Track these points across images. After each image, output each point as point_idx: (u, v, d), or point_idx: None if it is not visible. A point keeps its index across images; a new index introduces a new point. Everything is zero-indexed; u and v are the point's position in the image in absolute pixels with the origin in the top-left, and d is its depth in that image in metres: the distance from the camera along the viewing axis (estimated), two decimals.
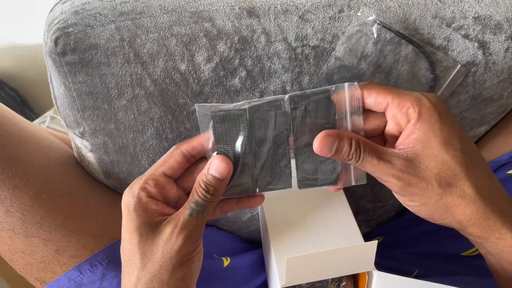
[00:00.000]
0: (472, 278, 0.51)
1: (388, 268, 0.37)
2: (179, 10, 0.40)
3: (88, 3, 0.40)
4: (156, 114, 0.45)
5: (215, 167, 0.34)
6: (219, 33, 0.41)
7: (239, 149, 0.36)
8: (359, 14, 0.41)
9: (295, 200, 0.44)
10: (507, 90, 0.46)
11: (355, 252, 0.34)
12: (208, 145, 0.35)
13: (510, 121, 0.51)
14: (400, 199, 0.35)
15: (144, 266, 0.33)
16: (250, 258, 0.55)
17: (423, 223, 0.57)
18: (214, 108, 0.35)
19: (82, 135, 0.46)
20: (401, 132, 0.34)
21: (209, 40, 0.41)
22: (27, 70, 1.15)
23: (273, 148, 0.36)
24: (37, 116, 1.15)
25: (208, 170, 0.34)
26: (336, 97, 0.35)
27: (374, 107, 0.34)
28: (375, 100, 0.34)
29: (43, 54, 0.42)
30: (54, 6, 0.42)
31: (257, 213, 0.55)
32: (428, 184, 0.32)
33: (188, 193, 0.37)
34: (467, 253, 0.53)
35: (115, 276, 0.46)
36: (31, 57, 1.12)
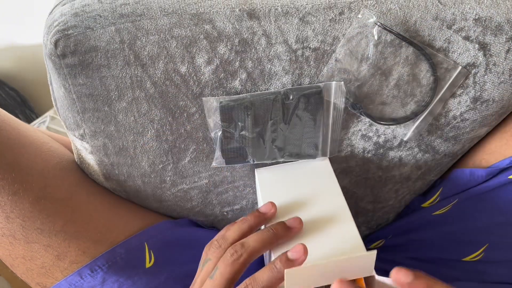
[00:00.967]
0: (474, 284, 0.51)
1: (388, 273, 0.37)
2: (179, 12, 0.40)
3: (88, 5, 0.40)
4: (156, 116, 0.44)
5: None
6: (219, 35, 0.41)
7: (239, 128, 0.44)
8: (359, 16, 0.41)
9: (295, 202, 0.44)
10: (508, 91, 0.46)
11: (355, 261, 0.34)
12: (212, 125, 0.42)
13: None
14: None
15: None
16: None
17: (424, 228, 0.58)
18: (222, 98, 0.44)
19: (82, 137, 0.46)
20: None
21: (210, 42, 0.41)
22: (28, 70, 1.15)
23: (269, 130, 0.45)
24: (37, 116, 1.14)
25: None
26: (324, 94, 0.42)
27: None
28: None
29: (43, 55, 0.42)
30: (54, 7, 0.42)
31: None
32: None
33: None
34: (467, 258, 0.53)
35: (116, 281, 0.46)
36: (31, 57, 1.12)
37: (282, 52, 0.42)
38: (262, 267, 0.37)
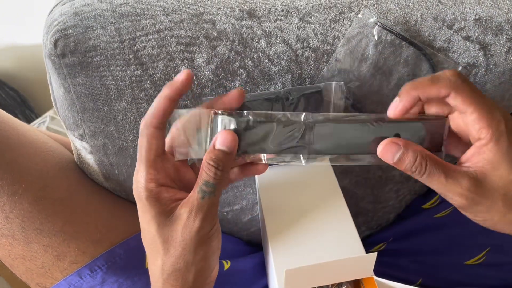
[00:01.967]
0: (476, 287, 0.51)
1: (391, 277, 0.38)
2: (179, 11, 0.40)
3: (88, 4, 0.40)
4: None
5: (222, 140, 0.33)
6: (219, 35, 0.41)
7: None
8: (359, 16, 0.41)
9: (294, 203, 0.44)
10: (508, 91, 0.46)
11: (354, 262, 0.34)
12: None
13: None
14: (462, 212, 0.34)
15: (167, 251, 0.34)
16: (251, 261, 0.55)
17: (425, 231, 0.57)
18: None
19: (81, 137, 0.46)
20: (461, 141, 0.34)
21: (209, 42, 0.41)
22: (28, 70, 1.15)
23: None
24: (37, 116, 1.14)
25: (215, 145, 0.33)
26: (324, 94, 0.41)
27: (453, 107, 0.33)
28: (456, 105, 0.32)
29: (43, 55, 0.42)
30: (54, 7, 0.42)
31: (257, 214, 0.55)
32: (493, 203, 0.32)
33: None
34: (470, 261, 0.53)
35: (115, 281, 0.46)
36: (31, 57, 1.12)
37: (282, 52, 0.42)
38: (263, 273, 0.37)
